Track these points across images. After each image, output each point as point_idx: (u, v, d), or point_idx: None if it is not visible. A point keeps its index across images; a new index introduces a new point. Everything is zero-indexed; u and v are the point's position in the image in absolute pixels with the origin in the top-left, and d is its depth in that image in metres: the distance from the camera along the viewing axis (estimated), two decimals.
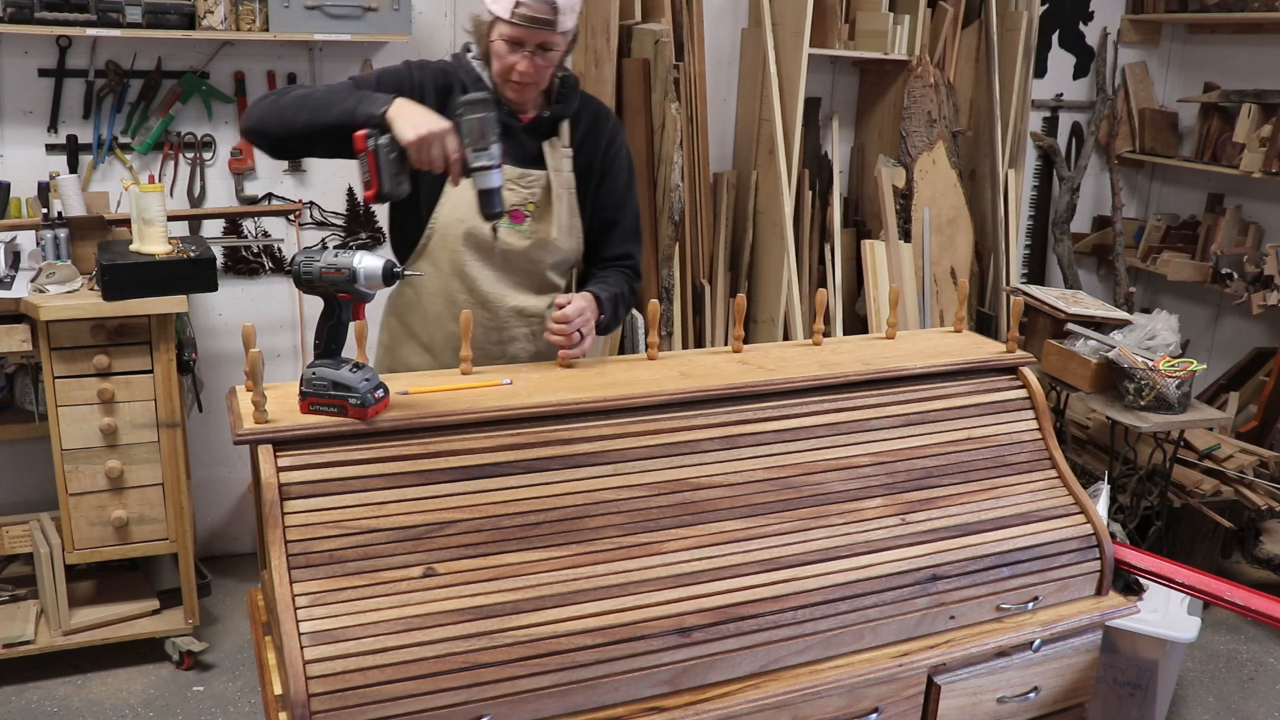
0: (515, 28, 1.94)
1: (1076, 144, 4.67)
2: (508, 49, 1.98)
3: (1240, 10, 4.17)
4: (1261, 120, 4.09)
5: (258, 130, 1.94)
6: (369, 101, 1.83)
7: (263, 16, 3.05)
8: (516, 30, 1.95)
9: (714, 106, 3.75)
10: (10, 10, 2.82)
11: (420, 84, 2.05)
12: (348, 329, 1.71)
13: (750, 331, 3.84)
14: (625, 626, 1.60)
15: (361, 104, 1.83)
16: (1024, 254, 4.68)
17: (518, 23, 1.93)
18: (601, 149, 2.19)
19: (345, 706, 1.43)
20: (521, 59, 1.97)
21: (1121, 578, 2.02)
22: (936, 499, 1.92)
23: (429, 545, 1.59)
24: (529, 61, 1.97)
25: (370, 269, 1.63)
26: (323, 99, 1.89)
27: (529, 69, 1.98)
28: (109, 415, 2.77)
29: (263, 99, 1.96)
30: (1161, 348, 3.30)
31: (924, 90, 3.89)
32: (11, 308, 2.70)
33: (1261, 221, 4.31)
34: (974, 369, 2.11)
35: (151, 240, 2.77)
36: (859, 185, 4.18)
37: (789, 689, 1.68)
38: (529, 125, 2.11)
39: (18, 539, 2.94)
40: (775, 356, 2.08)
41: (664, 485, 1.76)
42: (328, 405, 1.65)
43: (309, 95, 1.92)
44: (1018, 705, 1.94)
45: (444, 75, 2.08)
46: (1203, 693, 3.12)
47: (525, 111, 2.10)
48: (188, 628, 3.03)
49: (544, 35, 1.96)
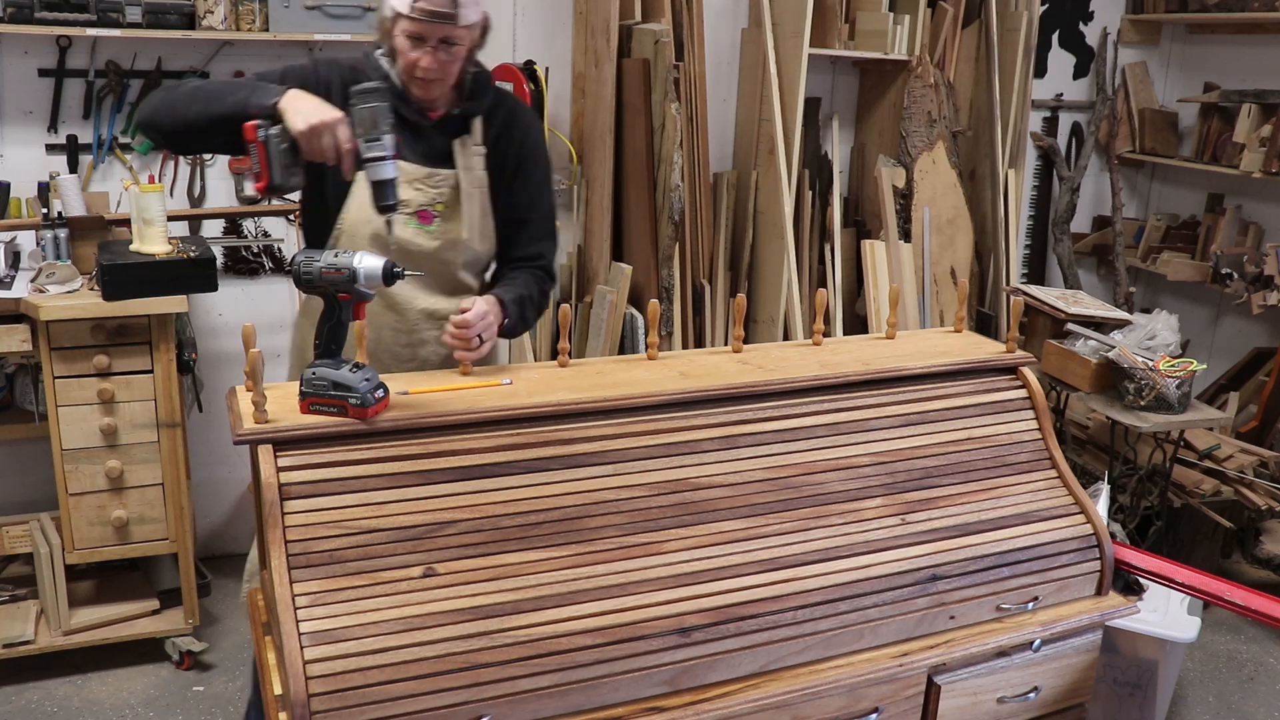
0: (416, 23, 1.92)
1: (1076, 144, 4.67)
2: (410, 45, 1.95)
3: (1240, 10, 4.17)
4: (1261, 120, 4.09)
5: (151, 124, 1.93)
6: (261, 92, 1.82)
7: (263, 16, 3.05)
8: (417, 25, 1.93)
9: (714, 106, 3.75)
10: (10, 10, 2.82)
11: (327, 80, 2.02)
12: (348, 329, 1.71)
13: (750, 331, 3.84)
14: (625, 626, 1.60)
15: (254, 95, 1.82)
16: (1024, 254, 4.68)
17: (418, 17, 1.91)
18: (516, 146, 2.15)
19: (345, 706, 1.43)
20: (425, 55, 1.95)
21: (1121, 578, 2.02)
22: (936, 499, 1.93)
23: (429, 545, 1.59)
24: (432, 57, 1.95)
25: (370, 269, 1.63)
26: (216, 91, 1.88)
27: (432, 64, 1.96)
28: (109, 415, 2.77)
29: (158, 91, 1.96)
30: (1161, 348, 3.30)
31: (924, 90, 3.89)
32: (11, 308, 2.70)
33: (1261, 221, 4.31)
34: (974, 369, 2.11)
35: (151, 240, 2.77)
36: (859, 185, 4.18)
37: (789, 689, 1.68)
38: (438, 123, 2.08)
39: (18, 539, 2.94)
40: (775, 356, 2.08)
41: (664, 485, 1.76)
42: (328, 405, 1.65)
43: (202, 87, 1.91)
44: (1018, 705, 1.94)
45: (352, 73, 2.04)
46: (1203, 693, 3.12)
47: (434, 109, 2.07)
48: (188, 628, 3.03)
49: (446, 29, 1.93)
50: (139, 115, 1.96)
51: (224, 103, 1.84)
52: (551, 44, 3.63)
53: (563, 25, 3.63)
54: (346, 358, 1.69)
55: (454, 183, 2.08)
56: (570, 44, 3.65)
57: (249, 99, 1.82)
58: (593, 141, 3.56)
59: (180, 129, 1.91)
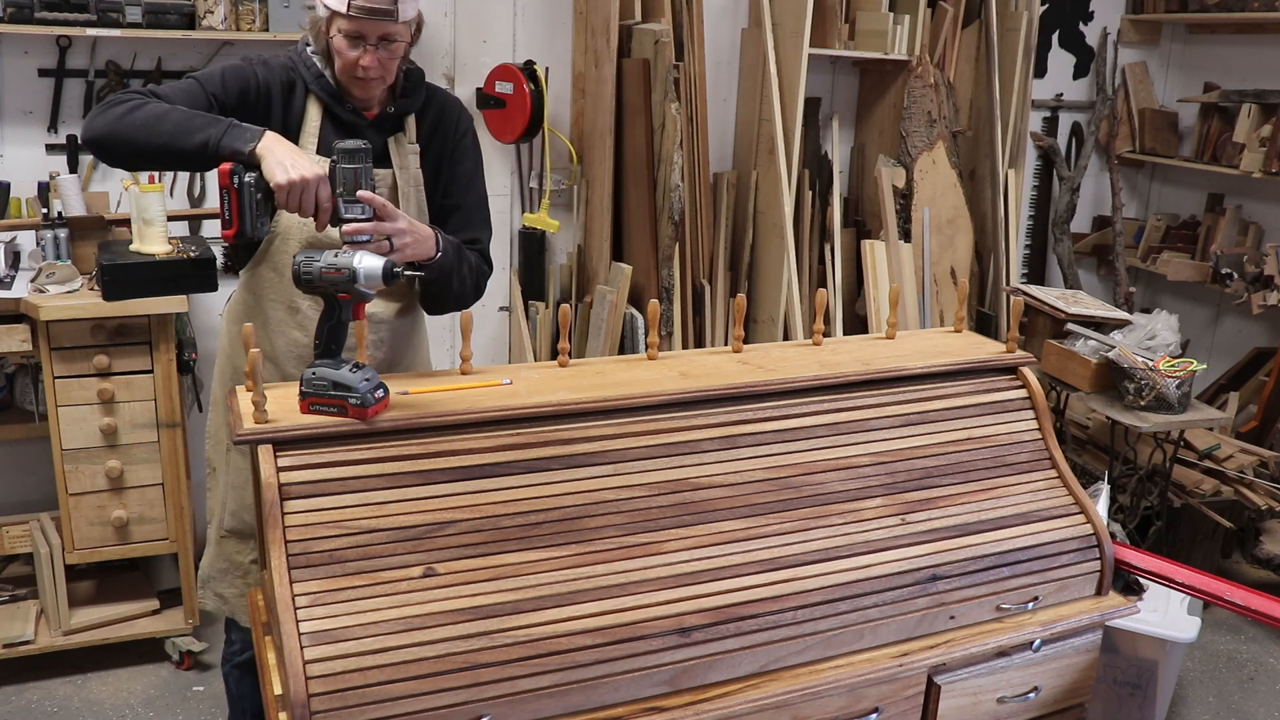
0: (354, 21, 1.86)
1: (1076, 144, 4.67)
2: (348, 44, 1.89)
3: (1240, 10, 4.17)
4: (1261, 120, 4.09)
5: (100, 144, 1.80)
6: (235, 134, 1.75)
7: (263, 16, 3.05)
8: (355, 23, 1.87)
9: (714, 106, 3.75)
10: (10, 10, 2.82)
11: (267, 84, 1.96)
12: (348, 329, 1.71)
13: (750, 331, 3.84)
14: (625, 626, 1.60)
15: (227, 135, 1.75)
16: (1024, 254, 4.68)
17: (356, 15, 1.86)
18: (450, 139, 2.11)
19: (345, 706, 1.43)
20: (365, 54, 1.89)
21: (1121, 578, 2.02)
22: (936, 499, 1.92)
23: (429, 545, 1.59)
24: (372, 56, 1.90)
25: (370, 269, 1.63)
26: (181, 122, 1.77)
27: (373, 63, 1.90)
28: (109, 415, 2.77)
29: (108, 107, 1.80)
30: (1161, 348, 3.30)
31: (924, 90, 3.89)
32: (11, 308, 2.70)
33: (1261, 221, 4.31)
34: (974, 369, 2.11)
35: (151, 240, 2.77)
36: (859, 185, 4.18)
37: (789, 689, 1.68)
38: (374, 122, 2.03)
39: (18, 539, 2.94)
40: (775, 356, 2.08)
41: (664, 485, 1.76)
42: (328, 405, 1.65)
43: (165, 116, 1.77)
44: (1018, 705, 1.94)
45: (286, 73, 1.99)
46: (1203, 693, 3.12)
47: (369, 108, 2.02)
48: (188, 628, 3.03)
49: (385, 26, 1.88)
50: (86, 130, 1.80)
51: (191, 139, 1.75)
52: (551, 44, 3.62)
53: (563, 25, 3.63)
54: (346, 357, 1.69)
55: (390, 182, 2.04)
56: (570, 44, 3.65)
57: (222, 140, 1.75)
58: (593, 141, 3.56)
59: (133, 155, 1.82)
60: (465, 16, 3.50)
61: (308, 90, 1.99)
